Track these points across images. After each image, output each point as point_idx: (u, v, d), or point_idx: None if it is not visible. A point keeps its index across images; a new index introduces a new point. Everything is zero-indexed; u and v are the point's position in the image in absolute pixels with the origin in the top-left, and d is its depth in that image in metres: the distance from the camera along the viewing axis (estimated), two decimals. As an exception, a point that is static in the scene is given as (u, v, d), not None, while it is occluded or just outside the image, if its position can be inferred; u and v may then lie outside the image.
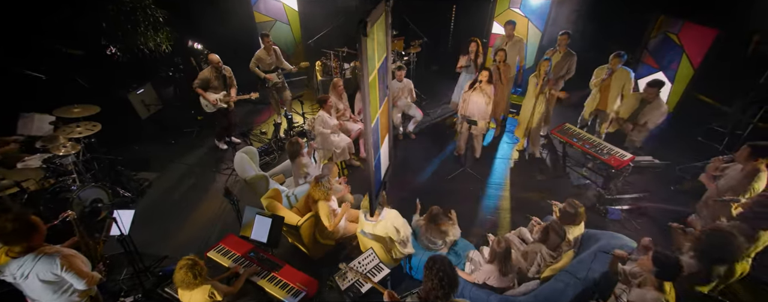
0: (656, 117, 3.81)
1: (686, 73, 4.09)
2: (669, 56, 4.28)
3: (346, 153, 5.00)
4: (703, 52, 3.82)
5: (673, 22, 4.14)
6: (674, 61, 4.21)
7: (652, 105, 3.82)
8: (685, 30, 4.04)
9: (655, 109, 3.81)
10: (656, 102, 3.79)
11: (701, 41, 3.82)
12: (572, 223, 2.96)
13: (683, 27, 4.04)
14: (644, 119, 3.86)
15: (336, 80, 5.09)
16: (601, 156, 3.71)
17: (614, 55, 4.26)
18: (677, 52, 4.16)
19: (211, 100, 4.86)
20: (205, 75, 4.78)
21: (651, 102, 3.81)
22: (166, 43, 5.52)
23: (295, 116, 6.33)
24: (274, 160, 5.34)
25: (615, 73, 4.33)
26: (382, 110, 3.21)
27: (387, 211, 3.15)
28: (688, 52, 4.02)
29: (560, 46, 4.85)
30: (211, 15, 6.48)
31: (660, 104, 3.80)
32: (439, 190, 4.72)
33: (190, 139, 5.80)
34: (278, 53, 5.57)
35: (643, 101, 3.85)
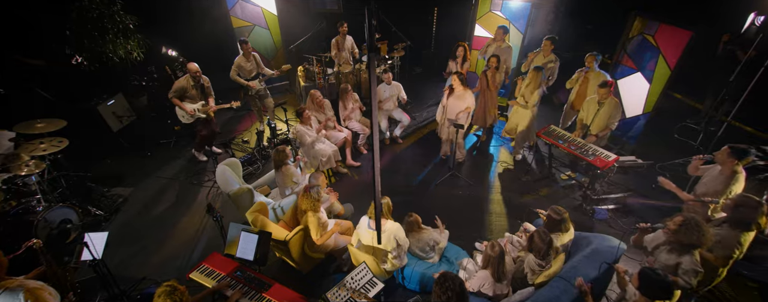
0: (614, 117, 3.93)
1: (663, 74, 4.22)
2: (646, 57, 4.41)
3: (332, 161, 4.89)
4: (678, 53, 3.94)
5: (649, 25, 4.26)
6: (651, 62, 4.34)
7: (607, 105, 3.93)
8: (661, 32, 4.17)
9: (612, 108, 3.93)
10: (611, 102, 3.91)
11: (676, 42, 3.95)
12: (559, 230, 2.95)
13: (659, 29, 4.16)
14: (604, 123, 3.98)
15: (313, 91, 4.97)
16: (586, 157, 3.76)
17: (589, 54, 4.37)
18: (654, 54, 4.28)
19: (188, 110, 4.64)
20: (181, 84, 4.56)
21: (604, 102, 3.92)
22: (138, 50, 5.26)
23: (279, 123, 6.17)
24: (257, 170, 5.17)
25: (591, 74, 4.43)
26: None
27: (389, 223, 3.07)
28: (665, 54, 4.14)
29: (545, 51, 4.92)
30: (185, 21, 6.23)
31: (615, 103, 3.92)
32: (428, 195, 4.68)
33: (168, 150, 5.54)
34: (258, 59, 5.40)
35: (599, 103, 3.98)
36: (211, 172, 5.07)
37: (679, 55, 3.91)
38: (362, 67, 5.97)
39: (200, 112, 4.74)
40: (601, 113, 3.96)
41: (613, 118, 3.92)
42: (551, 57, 4.93)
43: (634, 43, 4.53)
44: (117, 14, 4.87)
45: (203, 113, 4.77)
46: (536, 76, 4.35)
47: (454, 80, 4.55)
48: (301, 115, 4.54)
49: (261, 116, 5.99)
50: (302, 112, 4.54)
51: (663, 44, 4.13)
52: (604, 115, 3.96)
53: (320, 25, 5.99)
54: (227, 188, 3.68)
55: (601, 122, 4.00)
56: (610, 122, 3.95)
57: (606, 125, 3.98)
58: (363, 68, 5.99)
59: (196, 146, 5.20)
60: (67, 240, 3.58)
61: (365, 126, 5.44)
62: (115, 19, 4.90)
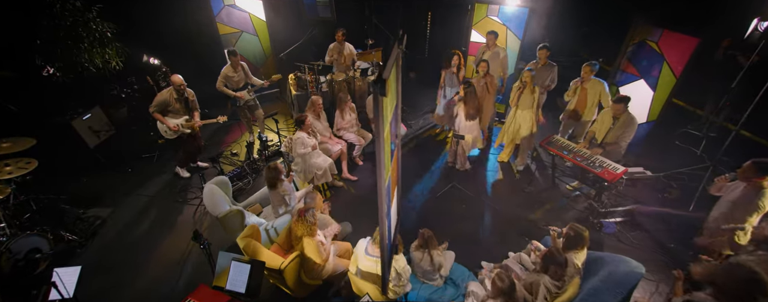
0: (628, 134, 3.76)
1: (668, 81, 4.12)
2: (650, 64, 4.31)
3: (328, 174, 4.65)
4: (684, 60, 3.84)
5: (652, 31, 4.16)
6: (655, 69, 4.24)
7: (622, 121, 3.77)
8: (665, 38, 4.07)
9: (626, 125, 3.76)
10: (625, 118, 3.75)
11: (682, 50, 3.85)
12: (577, 248, 2.79)
13: (663, 35, 4.06)
14: (615, 138, 3.81)
15: (315, 97, 4.73)
16: (594, 169, 3.61)
17: (585, 64, 4.23)
18: (658, 60, 4.19)
19: (171, 126, 4.33)
20: (163, 98, 4.26)
21: (619, 118, 3.76)
22: (116, 59, 4.92)
23: (270, 133, 5.90)
24: (248, 185, 4.88)
25: (588, 84, 4.29)
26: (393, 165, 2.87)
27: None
28: (669, 61, 4.04)
29: (541, 59, 4.81)
30: (168, 28, 5.90)
31: (630, 119, 3.76)
32: (429, 209, 4.48)
33: (150, 165, 5.21)
34: (246, 69, 5.13)
35: (614, 118, 3.81)
36: (198, 188, 4.78)
37: (685, 62, 3.81)
38: (357, 75, 5.75)
39: (184, 127, 4.44)
40: (616, 127, 3.80)
41: (626, 135, 3.75)
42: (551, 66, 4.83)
43: (637, 50, 4.43)
44: (93, 22, 4.53)
45: (188, 129, 4.47)
46: (527, 76, 4.22)
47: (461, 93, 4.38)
48: (303, 122, 4.28)
49: (250, 128, 5.70)
50: (304, 119, 4.28)
51: (667, 51, 4.03)
52: (618, 130, 3.79)
53: (312, 32, 5.75)
54: (216, 210, 3.40)
55: (614, 138, 3.84)
56: (622, 139, 3.78)
57: (616, 141, 3.82)
58: (357, 76, 5.76)
59: (179, 162, 4.88)
60: (35, 271, 3.24)
61: (362, 137, 5.22)
62: (91, 26, 4.56)
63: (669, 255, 3.57)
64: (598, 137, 3.96)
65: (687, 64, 3.80)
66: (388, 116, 2.18)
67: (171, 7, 5.74)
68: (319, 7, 5.76)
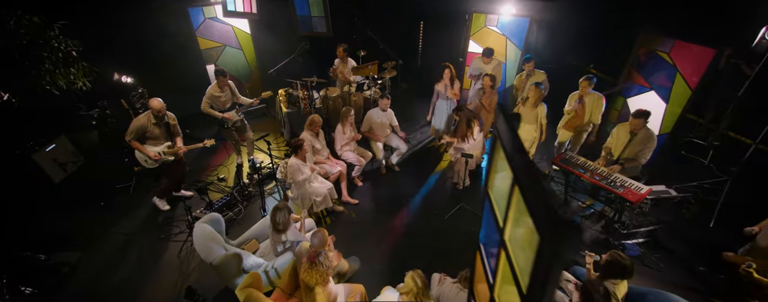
0: (647, 150, 3.60)
1: (682, 93, 4.02)
2: (661, 75, 4.21)
3: (328, 200, 4.29)
4: (700, 71, 3.74)
5: (662, 41, 4.07)
6: (667, 80, 4.14)
7: (640, 137, 3.61)
8: (677, 49, 3.97)
9: (645, 141, 3.59)
10: (644, 133, 3.59)
11: (697, 60, 3.75)
12: (616, 278, 2.55)
13: (674, 46, 3.97)
14: (634, 154, 3.65)
15: (314, 116, 4.36)
16: (615, 189, 3.42)
17: (583, 79, 4.12)
18: (670, 72, 4.09)
19: (151, 155, 3.86)
20: (140, 124, 3.79)
21: (637, 134, 3.61)
22: (82, 79, 4.38)
23: (259, 154, 5.47)
24: (239, 214, 4.44)
25: (589, 97, 4.18)
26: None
27: None
28: (683, 72, 3.95)
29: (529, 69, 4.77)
30: (143, 44, 5.38)
31: (649, 135, 3.60)
32: (440, 233, 4.18)
33: (127, 196, 4.66)
34: (233, 88, 4.71)
35: (631, 133, 3.66)
36: (182, 221, 4.30)
37: (701, 73, 3.71)
38: (352, 91, 5.42)
39: (167, 154, 3.97)
40: (634, 143, 3.63)
41: (646, 151, 3.59)
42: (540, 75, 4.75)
43: (646, 61, 4.33)
44: (55, 40, 4.01)
45: (170, 156, 4.01)
46: (536, 92, 4.06)
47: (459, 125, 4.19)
48: (299, 148, 3.91)
49: (238, 150, 5.26)
50: (300, 145, 3.90)
51: (680, 62, 3.94)
52: (636, 146, 3.63)
53: (304, 47, 5.39)
54: (210, 255, 2.97)
55: (631, 154, 3.67)
56: (641, 155, 3.61)
57: (635, 157, 3.65)
58: (353, 91, 5.43)
59: (159, 192, 4.37)
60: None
61: (362, 156, 4.88)
62: (53, 45, 4.04)
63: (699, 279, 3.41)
64: (615, 152, 3.80)
65: (705, 76, 3.70)
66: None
67: (146, 22, 5.24)
68: (314, 21, 5.42)
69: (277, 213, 3.15)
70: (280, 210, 3.18)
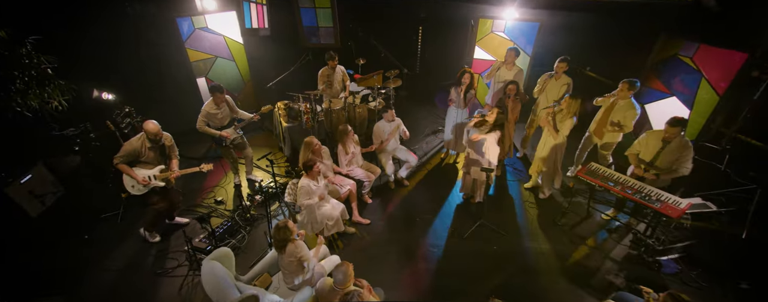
0: (685, 160, 3.40)
1: (708, 99, 3.88)
2: (683, 81, 4.08)
3: (340, 223, 3.99)
4: (729, 77, 3.61)
5: (685, 45, 3.94)
6: (690, 86, 4.00)
7: (674, 146, 3.41)
8: (701, 54, 3.85)
9: (681, 149, 3.38)
10: (679, 142, 3.39)
11: (725, 66, 3.62)
12: None
13: (699, 50, 3.84)
14: (669, 163, 3.45)
15: (310, 139, 4.04)
16: (650, 204, 3.24)
17: (625, 81, 3.89)
18: (694, 77, 3.96)
19: (139, 179, 3.47)
20: (133, 147, 3.41)
21: (671, 142, 3.42)
22: (59, 98, 3.94)
23: (257, 172, 5.12)
24: (243, 241, 4.08)
25: (621, 103, 4.00)
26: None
27: None
28: (709, 77, 3.82)
29: (558, 73, 4.50)
30: (127, 59, 4.96)
31: (684, 143, 3.40)
32: (459, 254, 3.92)
33: (114, 226, 4.22)
34: (231, 103, 4.36)
35: (665, 141, 3.46)
36: (179, 251, 3.91)
37: (731, 79, 3.58)
38: (357, 102, 5.13)
39: (158, 179, 3.58)
40: (666, 152, 3.44)
41: (683, 160, 3.39)
42: (566, 79, 4.52)
43: (667, 66, 4.20)
44: (27, 56, 3.58)
45: (162, 181, 3.62)
46: (573, 104, 3.82)
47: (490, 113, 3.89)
48: (311, 168, 3.60)
49: (236, 168, 4.89)
50: (312, 165, 3.59)
51: (706, 67, 3.81)
52: (669, 156, 3.44)
53: (305, 58, 5.06)
54: (223, 299, 2.61)
55: (664, 164, 3.49)
56: (680, 165, 3.42)
57: (669, 167, 3.47)
58: (357, 103, 5.14)
59: (147, 224, 3.92)
60: None
61: (370, 172, 4.59)
62: (24, 62, 3.60)
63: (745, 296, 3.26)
64: (646, 160, 3.60)
65: (734, 81, 3.56)
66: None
67: (129, 34, 4.83)
68: (321, 32, 5.09)
69: (276, 231, 2.89)
70: (279, 229, 2.90)
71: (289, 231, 2.93)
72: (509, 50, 4.71)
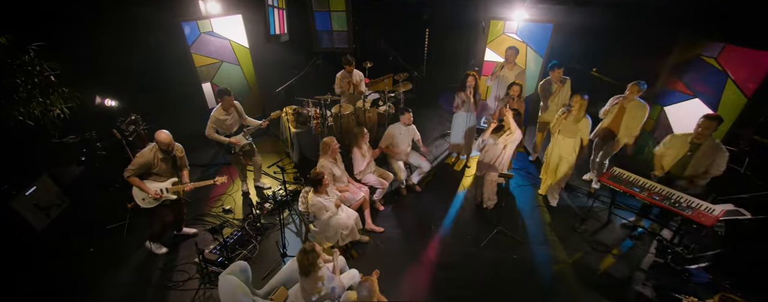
0: (718, 163, 3.21)
1: (734, 101, 3.77)
2: (707, 82, 3.96)
3: (356, 232, 3.88)
4: (757, 77, 3.49)
5: (708, 46, 3.83)
6: (714, 87, 3.89)
7: (706, 149, 3.22)
8: (726, 54, 3.74)
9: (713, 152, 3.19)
10: (710, 144, 3.22)
11: (753, 66, 3.51)
12: None
13: (724, 51, 3.73)
14: (698, 169, 3.29)
15: (329, 139, 3.94)
16: (681, 211, 3.11)
17: (633, 84, 3.84)
18: (719, 78, 3.85)
19: (151, 192, 3.35)
20: (145, 159, 3.29)
21: (701, 144, 3.25)
22: (61, 105, 3.81)
23: (266, 179, 5.00)
24: (253, 252, 3.94)
25: (630, 104, 3.90)
26: None
27: None
28: (736, 78, 3.70)
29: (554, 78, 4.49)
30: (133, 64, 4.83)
31: (716, 146, 3.23)
32: (478, 262, 3.79)
33: (120, 238, 4.09)
34: (240, 109, 4.24)
35: (693, 144, 3.30)
36: (189, 263, 3.78)
37: (759, 80, 3.46)
38: (367, 106, 5.01)
39: (170, 192, 3.46)
40: (698, 157, 3.28)
41: (717, 164, 3.23)
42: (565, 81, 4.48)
43: (689, 67, 4.08)
44: (30, 64, 3.46)
45: (173, 194, 3.49)
46: (583, 103, 3.72)
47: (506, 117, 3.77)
48: (319, 183, 3.47)
49: (244, 175, 4.76)
50: (320, 179, 3.46)
51: (732, 68, 3.70)
52: (701, 161, 3.28)
53: (315, 62, 4.94)
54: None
55: (695, 169, 3.35)
56: (713, 169, 3.26)
57: (698, 171, 3.32)
58: (367, 107, 5.02)
59: (152, 235, 3.79)
60: None
61: (383, 178, 4.47)
62: (26, 69, 3.48)
63: None
64: (666, 165, 3.48)
65: (764, 82, 3.44)
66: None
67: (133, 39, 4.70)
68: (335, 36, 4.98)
69: (301, 256, 2.72)
70: (306, 253, 2.74)
71: (316, 254, 2.76)
72: (509, 49, 4.64)
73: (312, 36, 5.06)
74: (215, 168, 5.34)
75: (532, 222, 4.33)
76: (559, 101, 4.52)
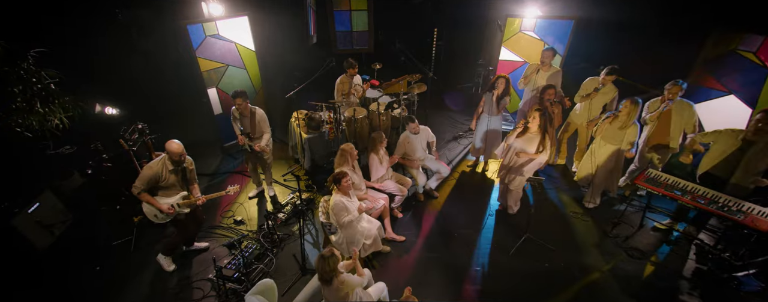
0: None
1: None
2: (744, 78, 3.79)
3: (379, 242, 3.69)
4: None
5: (746, 40, 3.66)
6: (752, 83, 3.72)
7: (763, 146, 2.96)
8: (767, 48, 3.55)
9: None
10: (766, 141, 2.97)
11: None
12: None
13: (764, 45, 3.55)
14: (754, 169, 3.05)
15: (348, 146, 3.74)
16: (732, 216, 2.92)
17: (672, 84, 3.64)
18: (758, 73, 3.67)
19: (164, 208, 3.12)
20: (153, 172, 3.06)
21: (756, 142, 3.00)
22: (61, 114, 3.56)
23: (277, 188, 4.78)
24: (271, 265, 3.72)
25: (675, 106, 3.70)
26: None
27: None
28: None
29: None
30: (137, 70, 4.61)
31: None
32: (507, 273, 3.58)
33: (127, 254, 3.85)
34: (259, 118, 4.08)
35: (746, 141, 3.07)
36: (202, 280, 3.55)
37: None
38: (381, 110, 4.80)
39: (182, 206, 3.23)
40: (752, 155, 3.01)
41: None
42: (612, 89, 4.22)
43: (723, 62, 3.91)
44: (29, 73, 3.23)
45: (186, 208, 3.27)
46: (634, 109, 3.48)
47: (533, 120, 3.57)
48: (340, 182, 3.30)
49: (258, 180, 4.56)
50: (341, 178, 3.30)
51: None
52: (755, 159, 3.00)
53: (329, 64, 4.73)
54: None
55: (746, 170, 3.10)
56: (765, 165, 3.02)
57: (753, 172, 3.08)
58: (381, 110, 4.82)
59: (165, 248, 3.58)
60: None
61: (402, 185, 4.27)
62: (25, 77, 3.25)
63: None
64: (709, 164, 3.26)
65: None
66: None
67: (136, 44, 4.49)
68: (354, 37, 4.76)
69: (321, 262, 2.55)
70: (324, 259, 2.55)
71: (336, 258, 2.60)
72: (545, 51, 4.41)
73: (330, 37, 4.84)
74: (222, 177, 5.12)
75: (560, 228, 4.14)
76: (592, 106, 4.31)
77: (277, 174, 5.03)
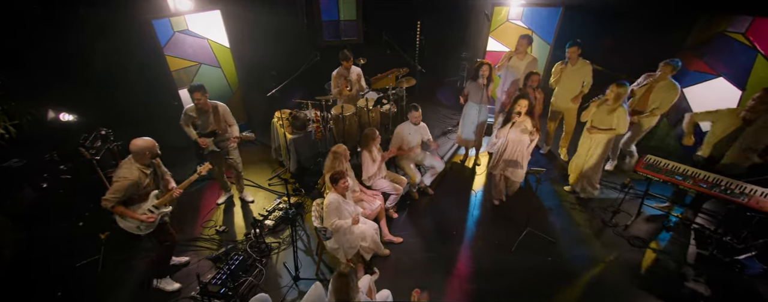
0: None
1: (766, 77, 3.60)
2: (733, 60, 3.81)
3: (380, 244, 3.48)
4: None
5: (734, 21, 3.66)
6: (741, 65, 3.73)
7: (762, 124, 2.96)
8: (756, 28, 3.57)
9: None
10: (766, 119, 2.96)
11: None
12: None
13: (753, 25, 3.57)
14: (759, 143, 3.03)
15: (339, 147, 3.48)
16: (736, 199, 2.88)
17: (667, 63, 3.67)
18: (748, 55, 3.70)
19: (142, 218, 2.76)
20: (130, 182, 2.68)
21: (755, 121, 3.00)
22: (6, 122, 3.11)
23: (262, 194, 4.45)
24: (260, 278, 3.42)
25: (660, 84, 3.72)
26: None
27: None
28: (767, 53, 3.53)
29: (572, 59, 4.23)
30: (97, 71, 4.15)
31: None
32: (512, 270, 3.44)
33: (93, 278, 3.41)
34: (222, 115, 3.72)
35: (746, 120, 3.04)
36: (185, 299, 3.20)
37: None
38: (370, 106, 4.57)
39: (160, 206, 2.88)
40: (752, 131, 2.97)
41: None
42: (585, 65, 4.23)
43: (711, 45, 3.92)
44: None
45: (165, 207, 2.92)
46: (619, 92, 3.42)
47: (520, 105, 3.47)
48: (337, 181, 3.09)
49: (226, 185, 4.23)
50: (340, 178, 3.08)
51: (763, 43, 3.54)
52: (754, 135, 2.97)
53: (314, 59, 4.43)
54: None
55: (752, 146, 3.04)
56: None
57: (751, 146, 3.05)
58: (370, 107, 4.58)
59: (157, 269, 3.21)
60: None
61: (397, 183, 4.06)
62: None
63: None
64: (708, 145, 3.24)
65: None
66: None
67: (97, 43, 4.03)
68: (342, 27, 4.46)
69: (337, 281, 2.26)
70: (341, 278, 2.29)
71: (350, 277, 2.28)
72: (521, 38, 4.38)
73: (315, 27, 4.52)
74: (199, 185, 4.70)
75: (559, 220, 4.05)
76: (566, 88, 4.31)
77: (262, 179, 4.71)
